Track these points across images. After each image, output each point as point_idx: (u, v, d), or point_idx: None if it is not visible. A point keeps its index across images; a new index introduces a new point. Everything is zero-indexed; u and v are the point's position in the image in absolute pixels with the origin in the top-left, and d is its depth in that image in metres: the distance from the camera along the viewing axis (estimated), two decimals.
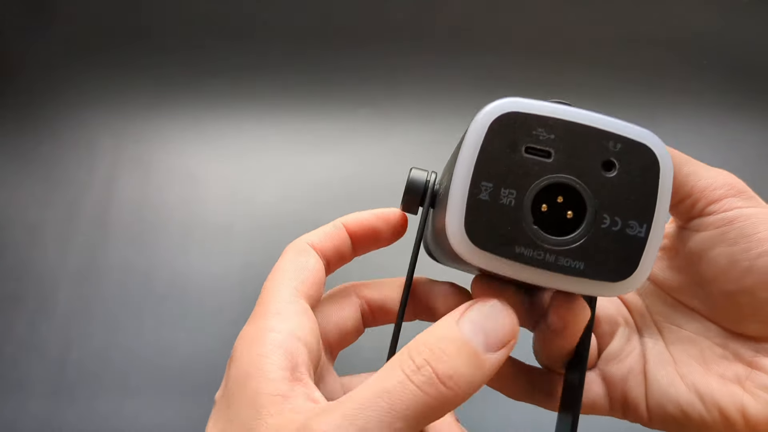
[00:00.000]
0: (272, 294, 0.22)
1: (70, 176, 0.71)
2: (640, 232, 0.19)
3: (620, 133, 0.19)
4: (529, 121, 0.19)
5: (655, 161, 0.19)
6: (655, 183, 0.19)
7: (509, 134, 0.19)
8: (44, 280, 0.65)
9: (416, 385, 0.17)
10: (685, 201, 0.24)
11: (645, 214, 0.19)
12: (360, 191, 0.68)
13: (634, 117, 0.72)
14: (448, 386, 0.17)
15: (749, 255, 0.22)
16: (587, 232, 0.19)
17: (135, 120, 0.74)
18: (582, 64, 0.75)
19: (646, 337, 0.26)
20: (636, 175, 0.19)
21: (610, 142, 0.19)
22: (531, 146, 0.19)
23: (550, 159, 0.19)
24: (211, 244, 0.67)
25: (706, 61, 0.74)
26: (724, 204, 0.23)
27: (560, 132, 0.19)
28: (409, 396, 0.17)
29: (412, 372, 0.17)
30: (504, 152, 0.19)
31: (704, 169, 0.24)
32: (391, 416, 0.16)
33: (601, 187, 0.19)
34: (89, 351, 0.61)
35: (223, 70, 0.76)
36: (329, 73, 0.76)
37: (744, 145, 0.70)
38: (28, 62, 0.78)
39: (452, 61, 0.76)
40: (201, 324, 0.62)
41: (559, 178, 0.19)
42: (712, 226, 0.23)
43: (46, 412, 0.58)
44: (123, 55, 0.78)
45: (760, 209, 0.23)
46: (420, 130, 0.71)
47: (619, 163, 0.19)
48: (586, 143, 0.19)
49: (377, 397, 0.17)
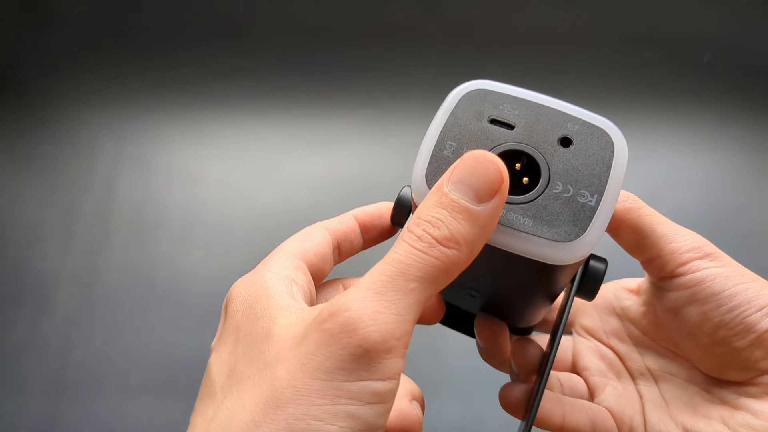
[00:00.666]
0: (274, 254, 0.24)
1: (70, 176, 0.71)
2: (591, 201, 0.20)
3: (579, 117, 0.21)
4: (498, 98, 0.22)
5: (610, 143, 0.21)
6: (609, 161, 0.20)
7: (478, 105, 0.22)
8: (44, 280, 0.65)
9: (421, 250, 0.18)
10: (655, 261, 0.26)
11: (597, 186, 0.20)
12: (360, 191, 0.68)
13: (632, 116, 0.72)
14: (449, 247, 0.18)
15: (720, 311, 0.24)
16: (538, 194, 0.20)
17: (135, 120, 0.74)
18: (582, 63, 0.75)
19: (642, 384, 0.29)
20: (591, 152, 0.21)
21: (569, 123, 0.21)
22: (496, 118, 0.21)
23: (512, 130, 0.21)
24: (211, 244, 0.67)
25: (707, 57, 0.74)
26: (692, 266, 0.25)
27: (524, 110, 0.21)
28: (417, 260, 0.18)
29: (413, 241, 0.18)
30: (471, 119, 0.21)
31: (674, 232, 0.26)
32: (404, 278, 0.18)
33: (556, 157, 0.21)
34: (89, 351, 0.61)
35: (222, 70, 0.76)
36: (329, 73, 0.76)
37: (744, 146, 0.70)
38: (28, 62, 0.78)
39: (452, 61, 0.76)
40: (201, 324, 0.62)
41: (517, 145, 0.21)
42: (683, 286, 0.25)
43: (46, 411, 0.59)
44: (123, 55, 0.78)
45: (726, 268, 0.25)
46: (420, 130, 0.71)
47: (575, 140, 0.21)
48: (546, 121, 0.21)
49: (390, 266, 0.18)
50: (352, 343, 0.17)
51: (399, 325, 0.18)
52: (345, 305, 0.17)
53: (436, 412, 0.55)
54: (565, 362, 0.32)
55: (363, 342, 0.17)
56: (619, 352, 0.30)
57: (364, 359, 0.17)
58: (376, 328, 0.17)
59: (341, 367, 0.17)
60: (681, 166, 0.69)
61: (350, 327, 0.17)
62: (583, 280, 0.26)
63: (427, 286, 0.18)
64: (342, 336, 0.17)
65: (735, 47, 0.74)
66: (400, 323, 0.18)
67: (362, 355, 0.17)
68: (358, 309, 0.17)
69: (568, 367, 0.32)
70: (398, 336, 0.18)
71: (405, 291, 0.18)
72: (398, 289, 0.18)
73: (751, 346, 0.24)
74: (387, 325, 0.17)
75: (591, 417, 0.28)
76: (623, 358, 0.30)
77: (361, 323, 0.17)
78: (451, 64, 0.76)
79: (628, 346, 0.30)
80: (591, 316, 0.32)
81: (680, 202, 0.66)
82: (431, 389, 0.56)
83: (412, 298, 0.18)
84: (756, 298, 0.24)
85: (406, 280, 0.18)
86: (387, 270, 0.18)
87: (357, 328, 0.17)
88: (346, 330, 0.17)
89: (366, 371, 0.17)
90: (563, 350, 0.32)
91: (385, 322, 0.17)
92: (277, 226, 0.67)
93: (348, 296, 0.18)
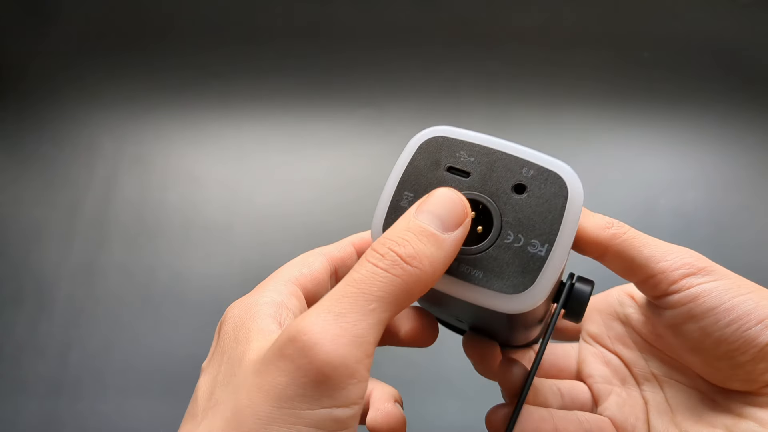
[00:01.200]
0: (271, 279, 0.24)
1: (70, 176, 0.71)
2: (541, 251, 0.20)
3: (534, 161, 0.21)
4: (455, 145, 0.22)
5: (564, 188, 0.21)
6: (562, 208, 0.20)
7: (434, 154, 0.22)
8: (44, 279, 0.65)
9: (383, 268, 0.18)
10: (647, 282, 0.25)
11: (548, 234, 0.20)
12: (359, 191, 0.68)
13: (632, 116, 0.72)
14: (413, 265, 0.18)
15: (719, 326, 0.24)
16: (490, 245, 0.21)
17: (135, 120, 0.74)
18: (582, 63, 0.75)
19: (647, 390, 0.28)
20: (544, 199, 0.21)
21: (524, 168, 0.21)
22: (452, 166, 0.22)
23: (467, 178, 0.21)
24: (211, 244, 0.67)
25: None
26: (684, 283, 0.24)
27: (480, 156, 0.21)
28: (378, 279, 0.18)
29: (377, 260, 0.18)
30: (429, 168, 0.22)
31: (663, 252, 0.25)
32: (364, 299, 0.18)
33: (510, 205, 0.21)
34: (89, 351, 0.61)
35: (222, 71, 0.76)
36: (329, 73, 0.76)
37: (744, 146, 0.70)
38: (28, 62, 0.78)
39: (452, 61, 0.76)
40: (200, 324, 0.62)
41: (470, 195, 0.21)
42: (678, 304, 0.25)
43: (46, 411, 0.59)
44: (123, 55, 0.78)
45: (721, 282, 0.24)
46: (420, 131, 0.71)
47: (529, 187, 0.21)
48: (502, 167, 0.21)
49: (350, 286, 0.18)
50: (312, 370, 0.17)
51: (359, 348, 0.17)
52: (303, 329, 0.17)
53: (436, 412, 0.55)
54: (570, 370, 0.31)
55: (324, 368, 0.17)
56: (624, 358, 0.30)
57: (326, 386, 0.17)
58: (337, 353, 0.17)
59: (302, 394, 0.17)
60: (681, 166, 0.69)
61: (310, 352, 0.17)
62: (568, 303, 0.26)
63: (387, 306, 0.18)
64: (302, 362, 0.17)
65: (735, 47, 0.74)
66: (361, 346, 0.17)
67: (323, 382, 0.17)
68: (317, 332, 0.17)
69: (573, 375, 0.31)
70: (359, 359, 0.17)
71: (365, 312, 0.18)
72: (358, 310, 0.17)
73: (753, 360, 0.23)
74: (347, 348, 0.17)
75: (587, 429, 0.28)
76: (628, 364, 0.30)
77: (320, 348, 0.17)
78: (451, 63, 0.76)
79: (633, 352, 0.29)
80: (596, 322, 0.31)
81: (680, 202, 0.66)
82: (431, 389, 0.56)
83: (373, 319, 0.18)
84: (755, 310, 0.23)
85: (366, 301, 0.18)
86: (347, 291, 0.18)
87: (317, 353, 0.17)
88: (306, 355, 0.17)
89: (328, 398, 0.17)
90: (569, 358, 0.32)
91: (345, 345, 0.17)
92: (277, 226, 0.67)
93: (307, 319, 0.17)
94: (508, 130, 0.72)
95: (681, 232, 0.64)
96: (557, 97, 0.73)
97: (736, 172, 0.68)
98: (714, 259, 0.25)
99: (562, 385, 0.30)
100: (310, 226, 0.67)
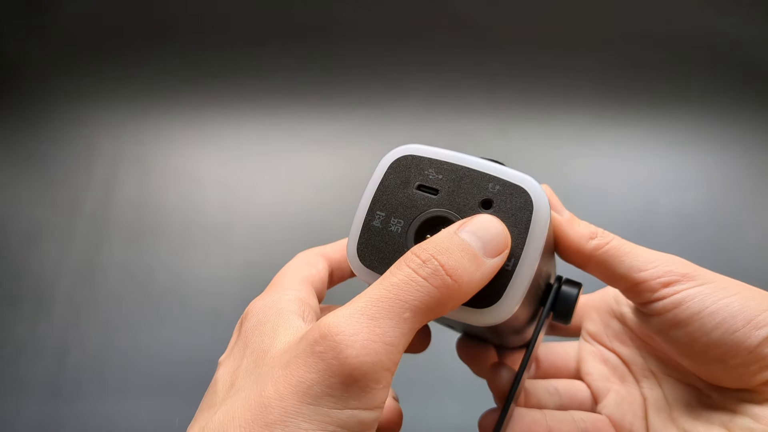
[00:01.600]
0: (285, 277, 0.24)
1: (69, 176, 0.71)
2: (508, 265, 0.20)
3: (499, 176, 0.21)
4: (423, 163, 0.22)
5: (529, 202, 0.21)
6: (527, 222, 0.21)
7: (404, 173, 0.22)
8: (43, 280, 0.65)
9: (422, 276, 0.18)
10: (630, 290, 0.26)
11: (514, 249, 0.21)
12: (359, 191, 0.68)
13: (632, 115, 0.72)
14: (453, 278, 0.18)
15: (705, 330, 0.24)
16: None
17: (134, 120, 0.74)
18: (582, 63, 0.75)
19: (646, 387, 0.28)
20: (510, 213, 0.21)
21: (490, 184, 0.21)
22: (422, 184, 0.22)
23: (436, 195, 0.22)
24: (210, 244, 0.67)
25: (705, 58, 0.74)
26: (667, 291, 0.24)
27: (447, 173, 0.22)
28: (416, 287, 0.18)
29: (418, 266, 0.18)
30: (398, 188, 0.22)
31: (645, 261, 0.25)
32: (399, 306, 0.18)
33: None
34: (88, 351, 0.61)
35: (222, 70, 0.76)
36: (328, 73, 0.76)
37: (745, 146, 0.70)
38: (28, 62, 0.78)
39: (452, 61, 0.76)
40: (200, 324, 0.62)
41: (439, 212, 0.22)
42: (663, 311, 0.25)
43: (45, 412, 0.58)
44: (122, 55, 0.78)
45: (704, 286, 0.24)
46: (420, 130, 0.71)
47: (495, 202, 0.21)
48: (468, 183, 0.22)
49: (386, 290, 0.18)
50: (343, 371, 0.17)
51: (389, 356, 0.17)
52: (336, 327, 0.17)
53: (436, 412, 0.55)
54: (569, 369, 0.32)
55: (354, 371, 0.17)
56: (622, 356, 0.30)
57: (354, 388, 0.17)
58: (367, 358, 0.17)
59: (330, 394, 0.17)
60: (681, 166, 0.69)
61: (341, 353, 0.17)
62: (556, 306, 0.26)
63: (420, 317, 0.18)
64: (333, 361, 0.17)
65: (735, 47, 0.74)
66: (390, 353, 0.17)
67: (352, 384, 0.17)
68: (349, 334, 0.17)
69: (573, 374, 0.31)
70: (388, 366, 0.17)
71: (399, 319, 0.18)
72: (392, 316, 0.17)
73: (744, 363, 0.23)
74: (378, 355, 0.17)
75: (583, 428, 0.28)
76: (626, 361, 0.30)
77: (352, 350, 0.17)
78: (451, 63, 0.76)
79: (631, 350, 0.30)
80: (594, 320, 0.31)
81: (680, 202, 0.66)
82: (431, 389, 0.56)
83: (406, 327, 0.18)
84: (740, 311, 0.23)
85: (402, 308, 0.18)
86: (383, 294, 0.18)
87: (348, 355, 0.17)
88: (337, 356, 0.17)
89: (355, 400, 0.17)
90: (567, 357, 0.32)
91: (377, 352, 0.17)
92: (277, 226, 0.67)
93: (339, 317, 0.18)
94: (509, 130, 0.71)
95: (682, 233, 0.64)
96: (557, 97, 0.73)
97: (737, 171, 0.68)
98: (715, 259, 0.25)
99: (560, 384, 0.31)
100: (309, 225, 0.67)
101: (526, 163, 0.68)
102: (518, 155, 0.70)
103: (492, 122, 0.72)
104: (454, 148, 0.23)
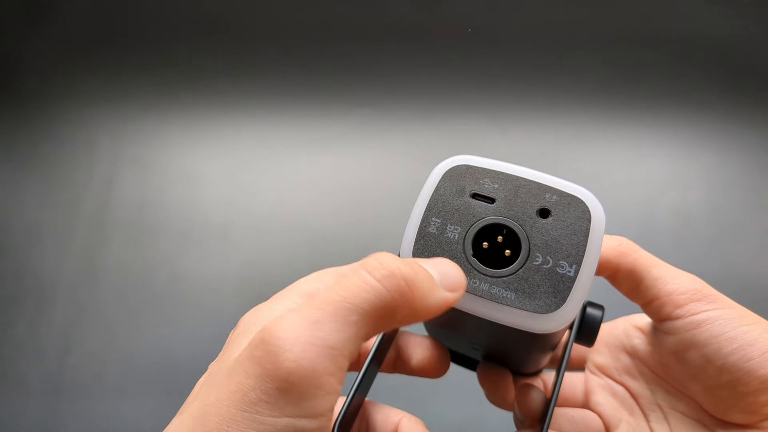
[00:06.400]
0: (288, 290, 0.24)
1: (68, 176, 0.71)
2: (570, 271, 0.21)
3: (557, 187, 0.22)
4: (478, 173, 0.23)
5: (587, 212, 0.22)
6: (586, 230, 0.21)
7: (459, 182, 0.23)
8: (43, 280, 0.65)
9: (376, 278, 0.17)
10: (653, 303, 0.26)
11: (575, 256, 0.21)
12: (359, 191, 0.68)
13: (632, 115, 0.72)
14: (408, 285, 0.18)
15: (721, 354, 0.24)
16: (519, 267, 0.21)
17: (134, 120, 0.74)
18: (582, 63, 0.75)
19: (653, 422, 0.28)
20: (569, 222, 0.21)
21: (547, 194, 0.22)
22: (477, 192, 0.22)
23: (492, 204, 0.22)
24: (210, 244, 0.66)
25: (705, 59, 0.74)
26: (690, 308, 0.25)
27: (503, 183, 0.22)
28: (367, 290, 0.17)
29: (374, 268, 0.18)
30: (454, 195, 0.22)
31: (671, 275, 0.25)
32: (347, 309, 0.17)
33: (535, 229, 0.22)
34: (88, 351, 0.61)
35: (222, 70, 0.76)
36: (328, 73, 0.76)
37: (744, 146, 0.70)
38: (28, 62, 0.78)
39: (452, 61, 0.76)
40: (200, 324, 0.62)
41: (497, 219, 0.22)
42: (683, 329, 0.25)
43: (45, 412, 0.58)
44: (122, 55, 0.78)
45: (724, 310, 0.24)
46: (420, 130, 0.71)
47: (553, 211, 0.22)
48: (525, 193, 0.22)
49: (335, 293, 0.17)
50: (278, 376, 0.16)
51: (331, 360, 0.16)
52: (277, 331, 0.17)
53: (436, 412, 0.55)
54: (576, 399, 0.32)
55: (290, 376, 0.16)
56: (631, 389, 0.30)
57: (292, 394, 0.16)
58: (306, 362, 0.16)
59: (266, 400, 0.16)
60: (682, 166, 0.69)
61: (278, 357, 0.16)
62: (581, 328, 0.27)
63: (369, 321, 0.17)
64: (269, 366, 0.16)
65: (735, 47, 0.74)
66: (333, 358, 0.17)
67: (289, 390, 0.16)
68: (288, 338, 0.16)
69: (580, 405, 0.31)
70: (330, 371, 0.16)
71: (345, 322, 0.17)
72: (338, 319, 0.17)
73: (755, 392, 0.23)
74: (319, 359, 0.16)
75: None
76: (635, 394, 0.30)
77: (290, 354, 0.16)
78: (451, 63, 0.76)
79: (640, 383, 0.30)
80: (602, 353, 0.32)
81: (680, 202, 0.66)
82: (431, 389, 0.56)
83: (351, 331, 0.17)
84: (757, 341, 0.23)
85: (349, 311, 0.17)
86: (331, 297, 0.17)
87: (285, 359, 0.16)
88: (274, 360, 0.16)
89: (292, 407, 0.16)
90: (574, 388, 0.32)
91: (318, 355, 0.16)
92: (277, 226, 0.67)
93: (281, 322, 0.17)
94: (509, 130, 0.71)
95: (682, 232, 0.64)
96: (557, 97, 0.73)
97: (737, 171, 0.68)
98: (716, 259, 0.26)
99: (575, 413, 0.30)
100: (309, 226, 0.67)
101: (526, 163, 0.68)
102: (518, 155, 0.70)
103: (492, 122, 0.72)
104: (454, 148, 0.23)
